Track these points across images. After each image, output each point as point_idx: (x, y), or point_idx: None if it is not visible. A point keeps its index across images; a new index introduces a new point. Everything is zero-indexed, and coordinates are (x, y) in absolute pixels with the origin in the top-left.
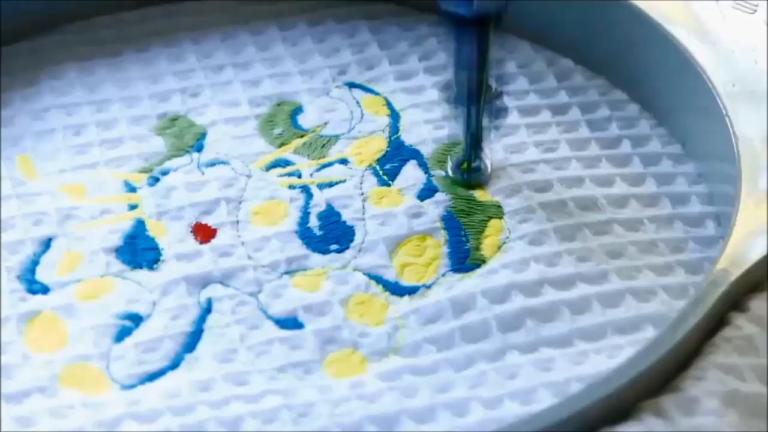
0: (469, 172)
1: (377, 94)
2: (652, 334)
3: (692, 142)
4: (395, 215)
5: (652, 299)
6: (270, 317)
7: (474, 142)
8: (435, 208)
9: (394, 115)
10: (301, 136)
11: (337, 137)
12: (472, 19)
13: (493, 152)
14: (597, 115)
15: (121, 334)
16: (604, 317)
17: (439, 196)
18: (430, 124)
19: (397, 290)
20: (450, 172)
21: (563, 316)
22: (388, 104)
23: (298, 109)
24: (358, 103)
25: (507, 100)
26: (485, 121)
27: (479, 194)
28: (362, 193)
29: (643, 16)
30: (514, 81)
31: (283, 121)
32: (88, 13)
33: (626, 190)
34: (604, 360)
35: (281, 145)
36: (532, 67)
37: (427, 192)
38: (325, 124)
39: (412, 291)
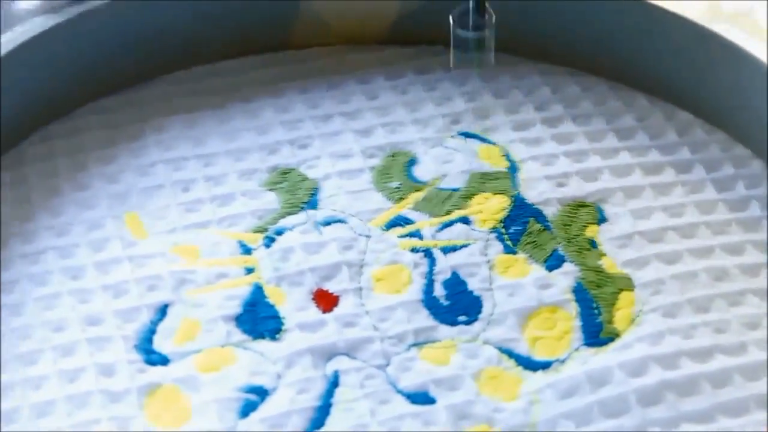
0: (475, 28)
1: (494, 144)
2: None
3: None
4: (524, 286)
5: None
6: (400, 391)
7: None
8: (564, 279)
9: (513, 167)
10: (419, 190)
11: (456, 190)
12: None
13: (620, 217)
14: (721, 174)
15: (247, 409)
16: (745, 391)
17: (567, 266)
18: (551, 180)
19: (530, 365)
20: (453, 31)
21: (703, 390)
22: (506, 156)
23: (413, 161)
24: (475, 153)
25: None
26: None
27: (608, 265)
28: (488, 261)
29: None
30: (634, 136)
31: (399, 173)
32: (186, 63)
33: (758, 258)
34: None
35: (399, 200)
36: (650, 120)
37: (554, 262)
38: (444, 176)
39: (545, 365)
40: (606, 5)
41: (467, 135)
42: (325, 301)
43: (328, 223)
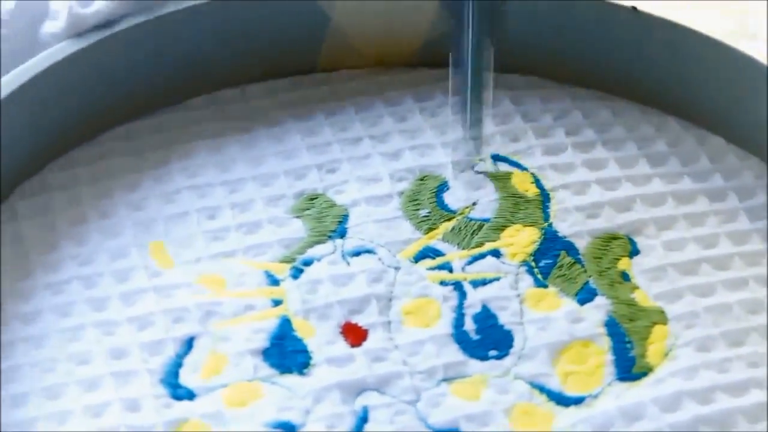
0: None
1: (525, 169)
2: None
3: None
4: (555, 320)
5: None
6: (430, 427)
7: (474, 105)
8: (596, 313)
9: (545, 196)
10: (449, 219)
11: (487, 221)
12: None
13: (652, 248)
14: (755, 202)
15: None
16: None
17: (599, 299)
18: (583, 211)
19: (562, 400)
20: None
21: (739, 425)
22: (537, 183)
23: (442, 186)
24: (506, 180)
25: None
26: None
27: (640, 298)
28: (518, 295)
29: None
30: (666, 162)
31: (429, 200)
32: (212, 86)
33: None
34: None
35: (428, 230)
36: (682, 146)
37: (586, 296)
38: (474, 204)
39: (578, 401)
40: (639, 29)
41: (498, 158)
42: (354, 335)
43: (356, 254)
